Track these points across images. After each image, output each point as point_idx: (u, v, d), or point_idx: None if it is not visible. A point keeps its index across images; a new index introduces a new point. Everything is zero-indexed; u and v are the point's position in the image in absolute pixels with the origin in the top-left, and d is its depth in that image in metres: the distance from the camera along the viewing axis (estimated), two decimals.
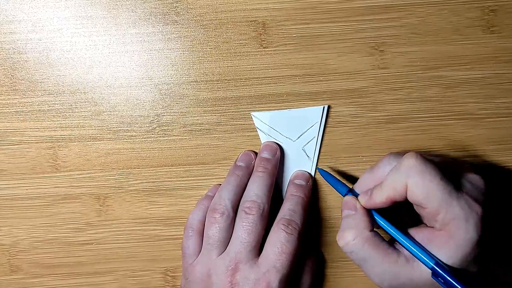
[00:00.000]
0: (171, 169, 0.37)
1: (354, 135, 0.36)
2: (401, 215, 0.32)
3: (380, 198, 0.30)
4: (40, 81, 0.36)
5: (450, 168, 0.30)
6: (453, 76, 0.36)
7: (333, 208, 0.37)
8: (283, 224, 0.33)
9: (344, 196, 0.33)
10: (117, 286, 0.38)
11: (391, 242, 0.31)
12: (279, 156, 0.36)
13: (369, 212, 0.31)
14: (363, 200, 0.31)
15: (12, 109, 0.36)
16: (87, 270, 0.38)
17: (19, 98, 0.36)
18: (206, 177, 0.37)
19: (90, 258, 0.38)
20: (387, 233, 0.31)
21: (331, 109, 0.36)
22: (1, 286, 0.38)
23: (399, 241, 0.30)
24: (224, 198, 0.34)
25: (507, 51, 0.36)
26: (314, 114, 0.36)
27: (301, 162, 0.36)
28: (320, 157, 0.37)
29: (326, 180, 0.34)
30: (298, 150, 0.36)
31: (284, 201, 0.35)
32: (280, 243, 0.32)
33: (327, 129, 0.36)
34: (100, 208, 0.37)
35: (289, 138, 0.36)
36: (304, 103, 0.36)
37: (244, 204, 0.34)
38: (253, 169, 0.36)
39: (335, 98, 0.36)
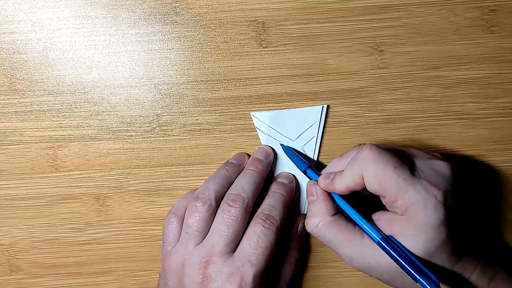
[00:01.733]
0: (170, 169, 0.37)
1: (353, 135, 0.36)
2: (370, 203, 0.33)
3: (340, 186, 0.31)
4: (39, 81, 0.36)
5: (412, 157, 0.30)
6: (452, 76, 0.36)
7: None
8: (261, 218, 0.32)
9: (302, 172, 0.34)
10: (117, 286, 0.38)
11: (357, 225, 0.31)
12: (272, 159, 0.36)
13: (330, 196, 0.32)
14: (323, 183, 0.32)
15: (12, 109, 0.36)
16: (87, 270, 0.38)
17: (18, 98, 0.36)
18: (205, 177, 0.37)
19: (89, 258, 0.38)
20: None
21: (331, 109, 0.36)
22: (0, 286, 0.38)
23: (350, 216, 0.31)
24: (209, 188, 0.33)
25: (507, 51, 0.36)
26: (313, 113, 0.36)
27: None
28: (320, 156, 0.37)
29: (288, 156, 0.35)
30: (298, 150, 0.36)
31: (265, 197, 0.34)
32: (256, 236, 0.31)
33: (327, 129, 0.36)
34: (99, 208, 0.37)
35: (289, 138, 0.36)
36: (303, 103, 0.36)
37: (228, 196, 0.33)
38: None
39: (335, 98, 0.36)
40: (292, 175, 0.36)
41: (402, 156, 0.30)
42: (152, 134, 0.36)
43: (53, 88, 0.36)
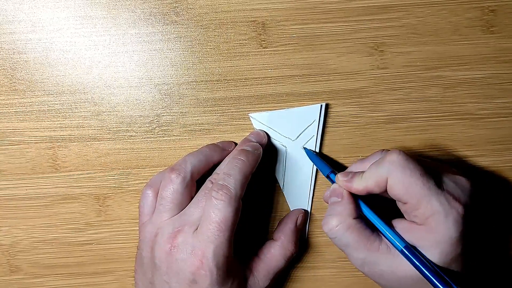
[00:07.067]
0: None
1: (354, 135, 0.36)
2: (390, 208, 0.32)
3: (357, 185, 0.31)
4: (40, 81, 0.36)
5: (436, 169, 0.30)
6: (452, 76, 0.36)
7: None
8: (214, 190, 0.30)
9: (326, 176, 0.34)
10: (117, 286, 0.38)
11: (375, 230, 0.31)
12: (266, 142, 0.35)
13: (354, 200, 0.32)
14: (341, 179, 0.32)
15: (12, 109, 0.36)
16: (87, 270, 0.38)
17: (18, 98, 0.36)
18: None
19: (90, 258, 0.38)
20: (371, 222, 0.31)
21: (331, 109, 0.36)
22: (1, 286, 0.38)
23: (373, 222, 0.31)
24: (187, 161, 0.33)
25: (507, 51, 0.36)
26: (311, 112, 0.36)
27: (302, 162, 0.36)
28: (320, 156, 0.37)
29: (311, 160, 0.35)
30: (298, 149, 0.36)
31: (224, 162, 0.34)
32: (208, 211, 0.30)
33: (327, 129, 0.36)
34: (100, 208, 0.37)
35: (289, 138, 0.36)
36: (303, 103, 0.36)
37: (216, 172, 0.32)
38: (226, 156, 0.34)
39: (335, 98, 0.36)
40: (258, 144, 0.35)
41: (428, 166, 0.30)
42: (152, 134, 0.36)
43: (53, 88, 0.36)
